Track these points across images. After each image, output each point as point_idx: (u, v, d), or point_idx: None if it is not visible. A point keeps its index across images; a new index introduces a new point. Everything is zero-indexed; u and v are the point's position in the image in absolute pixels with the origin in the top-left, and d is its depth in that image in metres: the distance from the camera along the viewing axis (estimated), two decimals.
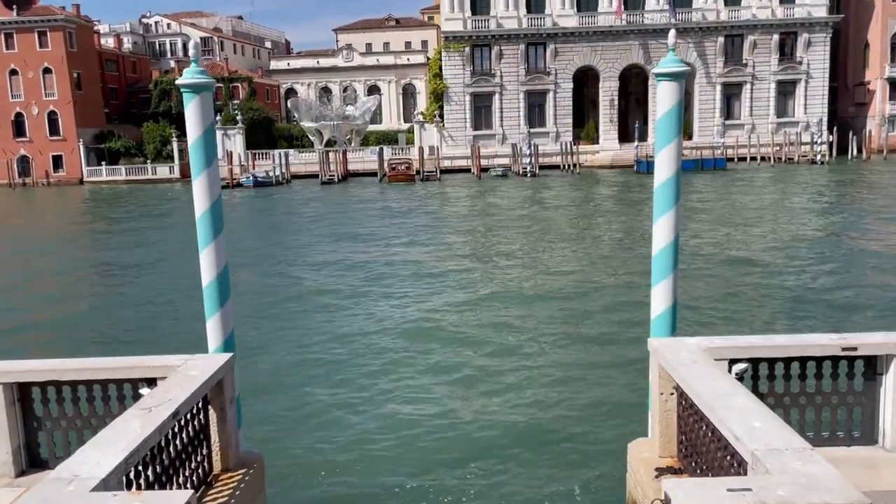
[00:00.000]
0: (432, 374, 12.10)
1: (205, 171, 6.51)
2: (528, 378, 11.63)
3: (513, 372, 11.96)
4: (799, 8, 63.54)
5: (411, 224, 31.39)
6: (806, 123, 63.61)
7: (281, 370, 12.55)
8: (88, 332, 15.52)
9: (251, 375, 11.38)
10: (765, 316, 14.90)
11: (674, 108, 6.69)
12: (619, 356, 12.38)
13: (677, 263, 7.04)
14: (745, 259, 20.87)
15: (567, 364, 12.27)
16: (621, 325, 14.40)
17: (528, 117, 63.68)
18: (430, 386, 11.54)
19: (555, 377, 11.59)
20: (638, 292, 16.21)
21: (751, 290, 17.07)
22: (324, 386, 11.67)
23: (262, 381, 11.78)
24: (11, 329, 15.89)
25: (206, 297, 6.71)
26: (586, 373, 11.69)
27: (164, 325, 15.93)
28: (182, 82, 6.26)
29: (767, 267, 19.69)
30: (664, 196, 6.94)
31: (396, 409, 10.60)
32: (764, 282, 17.89)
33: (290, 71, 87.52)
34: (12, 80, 66.70)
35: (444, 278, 19.75)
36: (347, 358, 13.06)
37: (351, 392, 11.34)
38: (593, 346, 13.22)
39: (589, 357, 12.65)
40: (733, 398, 4.48)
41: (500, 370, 12.07)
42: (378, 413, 10.51)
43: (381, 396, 11.16)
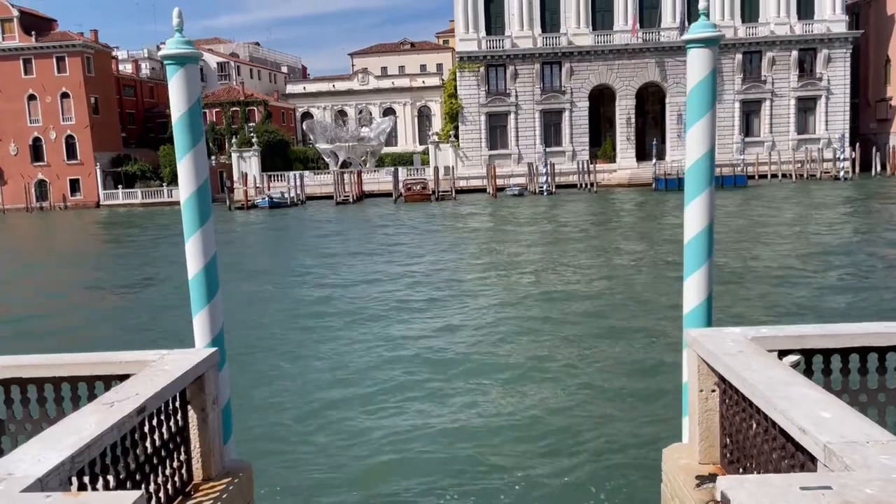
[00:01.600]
0: (446, 385, 11.43)
1: (191, 152, 5.95)
2: (551, 385, 10.92)
3: (532, 380, 11.25)
4: (818, 24, 62.87)
5: (426, 242, 30.81)
6: (827, 140, 62.61)
7: (280, 380, 11.93)
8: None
9: (250, 384, 10.77)
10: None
11: (707, 77, 6.07)
12: (646, 361, 11.67)
13: (712, 251, 6.36)
14: (786, 275, 19.99)
15: (592, 371, 11.56)
16: (648, 332, 13.68)
17: (543, 136, 63.19)
18: (446, 396, 10.87)
19: (579, 383, 10.88)
20: (664, 301, 15.48)
21: (789, 304, 16.25)
22: (325, 398, 11.03)
23: (260, 390, 11.15)
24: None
25: (193, 290, 6.12)
26: (613, 379, 10.98)
27: (167, 331, 15.39)
28: (165, 53, 5.73)
29: (812, 283, 18.82)
30: (696, 177, 6.29)
31: (420, 416, 9.93)
32: (807, 299, 17.06)
33: (306, 95, 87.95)
34: (31, 105, 67.40)
35: (464, 289, 19.11)
36: (353, 370, 12.43)
37: (355, 404, 10.69)
38: (619, 354, 12.49)
39: (615, 365, 11.93)
40: (792, 387, 3.79)
41: (516, 379, 11.37)
42: (398, 423, 9.83)
43: (397, 404, 10.50)
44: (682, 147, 64.14)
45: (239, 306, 18.77)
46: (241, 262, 27.77)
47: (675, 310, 14.98)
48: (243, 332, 15.77)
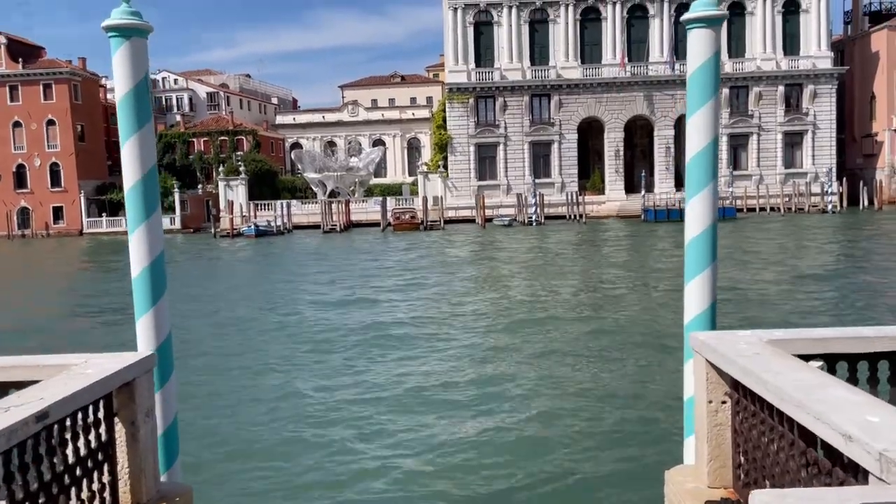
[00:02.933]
0: (425, 411, 10.69)
1: (136, 135, 5.32)
2: (542, 410, 10.21)
3: (519, 406, 10.54)
4: (804, 60, 63.51)
5: (413, 269, 30.15)
6: (814, 174, 62.84)
7: (237, 402, 11.16)
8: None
9: (204, 404, 10.01)
10: None
11: (709, 60, 5.52)
12: (642, 381, 10.97)
13: (716, 253, 5.76)
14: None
15: (585, 394, 10.87)
16: (643, 353, 13.02)
17: (533, 168, 63.07)
18: (432, 421, 10.13)
19: (570, 407, 10.17)
20: (660, 324, 14.87)
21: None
22: (286, 426, 10.26)
23: (210, 411, 10.39)
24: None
25: (136, 291, 5.44)
26: (607, 402, 10.27)
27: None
28: (108, 24, 5.13)
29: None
30: (698, 171, 5.71)
31: (397, 445, 9.18)
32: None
33: (296, 125, 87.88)
34: (15, 132, 66.75)
35: (450, 316, 18.42)
36: (320, 396, 11.66)
37: (321, 431, 9.92)
38: (613, 377, 11.81)
39: (609, 387, 11.23)
40: (827, 389, 3.15)
41: (500, 404, 10.65)
42: (377, 450, 9.08)
43: (377, 429, 9.75)
44: (670, 180, 64.36)
45: (199, 327, 18.03)
46: (210, 287, 27.00)
47: (671, 332, 14.36)
48: (196, 353, 15.02)
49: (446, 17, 63.84)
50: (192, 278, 30.73)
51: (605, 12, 63.44)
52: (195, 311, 21.42)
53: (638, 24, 64.04)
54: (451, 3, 63.18)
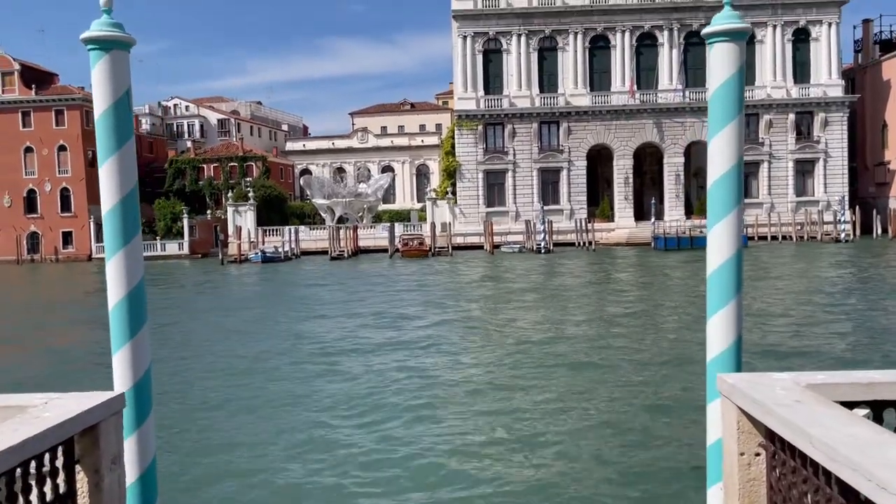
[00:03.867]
0: (439, 452, 10.19)
1: (116, 154, 4.97)
2: (548, 448, 9.69)
3: (525, 447, 10.02)
4: (814, 88, 63.29)
5: (419, 294, 29.71)
6: (826, 202, 62.28)
7: (228, 440, 10.68)
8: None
9: (193, 446, 9.54)
10: None
11: (733, 76, 5.15)
12: (655, 421, 10.43)
13: (741, 285, 5.32)
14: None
15: (594, 436, 10.33)
16: (661, 388, 12.46)
17: (541, 194, 62.80)
18: (432, 464, 9.62)
19: (579, 450, 9.64)
20: (678, 356, 14.33)
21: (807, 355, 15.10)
22: (279, 465, 9.77)
23: (203, 453, 9.91)
24: None
25: (113, 322, 5.04)
26: (621, 442, 9.73)
27: None
28: (87, 36, 4.80)
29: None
30: (720, 196, 5.30)
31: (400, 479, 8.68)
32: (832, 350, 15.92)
33: (306, 152, 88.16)
34: (27, 158, 67.16)
35: (461, 346, 17.93)
36: (328, 431, 11.18)
37: (321, 468, 9.43)
38: (625, 416, 11.28)
39: (620, 426, 10.70)
40: (887, 449, 2.69)
41: (505, 445, 10.14)
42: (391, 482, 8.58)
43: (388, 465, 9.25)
44: (680, 207, 63.88)
45: (185, 358, 17.60)
46: (209, 312, 26.62)
47: (690, 367, 13.83)
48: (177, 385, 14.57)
49: (456, 45, 64.12)
50: (191, 304, 30.41)
51: (613, 40, 63.56)
52: (180, 339, 21.03)
53: (647, 52, 64.10)
54: (460, 32, 63.48)
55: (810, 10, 62.74)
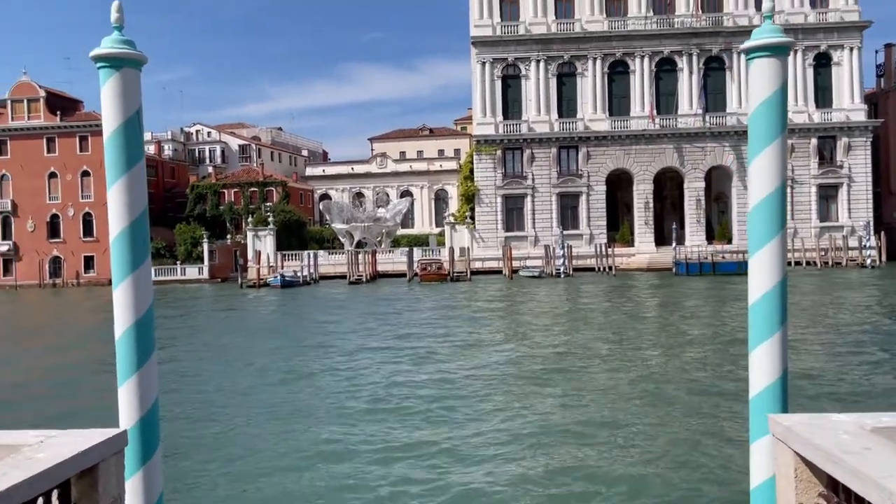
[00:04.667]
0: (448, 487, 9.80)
1: (125, 176, 4.76)
2: (569, 490, 9.27)
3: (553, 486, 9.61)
4: (837, 113, 62.66)
5: (440, 320, 29.35)
6: (851, 227, 61.33)
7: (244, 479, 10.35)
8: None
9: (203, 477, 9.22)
10: None
11: (775, 94, 4.84)
12: (689, 462, 9.97)
13: (786, 315, 4.97)
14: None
15: (620, 472, 9.90)
16: (690, 428, 11.98)
17: (560, 219, 62.47)
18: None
19: (604, 487, 9.22)
20: (712, 392, 13.84)
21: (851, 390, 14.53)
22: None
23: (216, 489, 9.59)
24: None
25: (120, 352, 4.79)
26: (649, 486, 9.29)
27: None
28: (97, 53, 4.62)
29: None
30: (762, 222, 4.96)
31: None
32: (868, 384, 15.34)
33: (325, 177, 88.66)
34: (51, 183, 68.07)
35: (480, 373, 17.54)
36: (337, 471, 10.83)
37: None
38: (657, 455, 10.83)
39: (651, 466, 10.25)
40: None
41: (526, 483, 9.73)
42: None
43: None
44: (701, 232, 63.19)
45: (196, 384, 17.35)
46: (224, 337, 26.44)
47: (727, 402, 13.30)
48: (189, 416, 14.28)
49: (475, 70, 64.35)
50: (206, 328, 30.29)
51: (633, 66, 63.48)
52: (191, 365, 20.83)
53: (666, 77, 63.92)
54: (479, 58, 63.75)
55: (832, 35, 62.34)
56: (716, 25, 62.79)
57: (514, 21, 64.00)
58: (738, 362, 16.96)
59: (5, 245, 68.69)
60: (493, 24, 63.79)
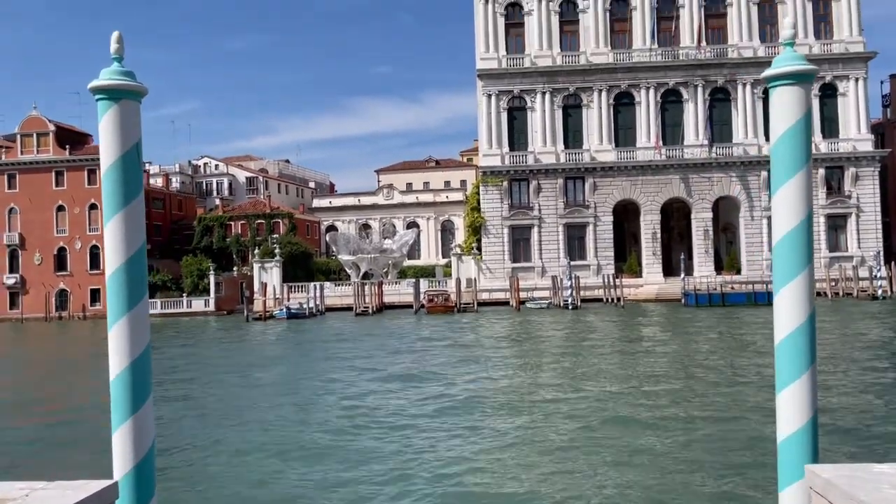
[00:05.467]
0: None
1: (122, 211, 4.59)
2: None
3: None
4: (843, 143, 62.60)
5: (447, 354, 29.00)
6: (861, 258, 60.87)
7: None
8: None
9: None
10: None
11: (798, 123, 4.67)
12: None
13: (815, 355, 4.73)
14: None
15: None
16: (708, 471, 11.60)
17: (567, 250, 62.24)
18: None
19: None
20: (732, 432, 13.47)
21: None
22: None
23: None
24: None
25: (114, 395, 4.57)
26: None
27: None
28: (95, 85, 4.47)
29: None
30: (787, 256, 4.74)
31: None
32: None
33: (332, 209, 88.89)
34: (58, 216, 68.36)
35: (495, 411, 17.19)
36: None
37: None
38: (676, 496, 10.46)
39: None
40: None
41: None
42: None
43: None
44: (709, 263, 62.80)
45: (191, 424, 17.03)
46: (224, 371, 26.12)
47: (747, 445, 12.86)
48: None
49: (481, 103, 64.72)
50: (207, 361, 30.00)
51: (638, 97, 63.74)
52: (189, 401, 20.53)
53: (672, 108, 64.12)
54: (485, 90, 64.16)
55: (836, 66, 62.54)
56: (720, 57, 63.11)
57: (520, 54, 64.51)
58: (761, 403, 16.56)
59: (12, 278, 68.78)
60: (498, 56, 64.29)
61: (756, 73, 61.27)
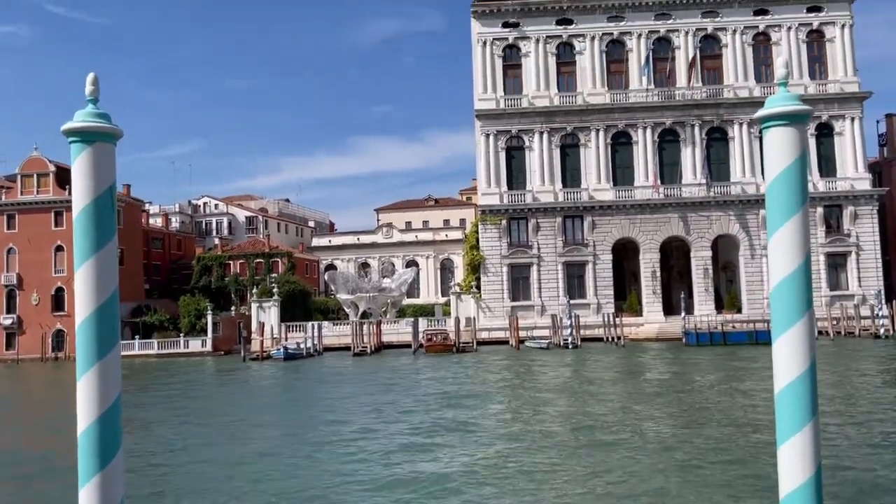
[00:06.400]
0: None
1: (94, 257, 4.40)
2: None
3: None
4: (841, 181, 62.83)
5: (445, 397, 28.55)
6: (861, 296, 60.60)
7: None
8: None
9: None
10: None
11: (794, 164, 4.51)
12: None
13: (816, 407, 4.51)
14: None
15: None
16: None
17: (567, 288, 62.02)
18: None
19: None
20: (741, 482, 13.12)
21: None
22: None
23: None
24: None
25: (82, 449, 4.34)
26: None
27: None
28: (69, 127, 4.34)
29: None
30: (785, 303, 4.53)
31: None
32: None
33: (331, 247, 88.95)
34: (57, 256, 68.25)
35: (495, 459, 16.80)
36: None
37: None
38: None
39: None
40: None
41: None
42: None
43: None
44: (710, 301, 62.51)
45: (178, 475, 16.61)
46: (214, 415, 25.69)
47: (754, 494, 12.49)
48: None
49: (479, 142, 65.14)
50: (198, 405, 29.56)
51: (635, 136, 64.17)
52: (167, 449, 20.11)
53: (669, 147, 64.51)
54: (483, 130, 64.63)
55: (832, 106, 63.09)
56: (716, 96, 63.71)
57: (517, 94, 65.14)
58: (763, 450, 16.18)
59: (9, 318, 68.41)
60: (496, 97, 64.92)
61: (752, 112, 61.70)
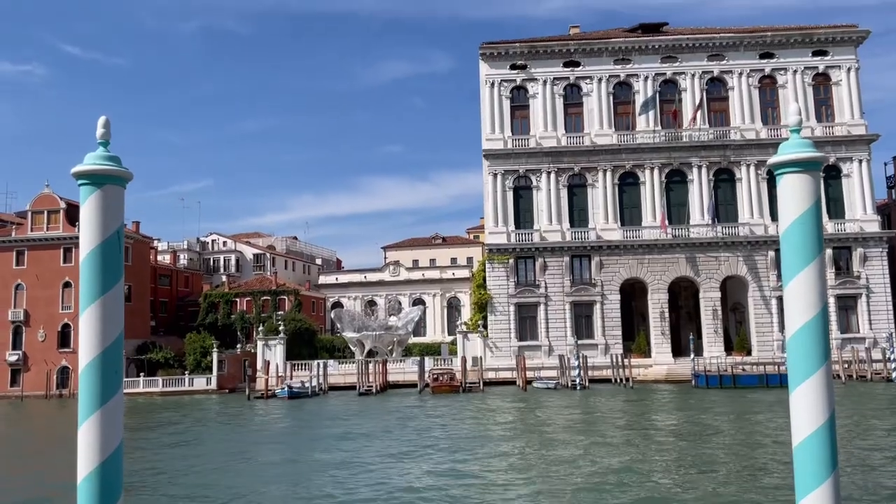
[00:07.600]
0: None
1: (101, 299, 4.35)
2: None
3: None
4: (850, 223, 62.62)
5: (452, 443, 28.14)
6: (873, 339, 59.95)
7: None
8: None
9: None
10: None
11: (809, 212, 4.48)
12: None
13: (836, 460, 4.39)
14: None
15: None
16: None
17: (574, 328, 61.60)
18: None
19: None
20: None
21: None
22: None
23: None
24: None
25: (82, 497, 4.25)
26: None
27: None
28: (79, 170, 4.33)
29: None
30: (801, 353, 4.46)
31: None
32: None
33: (338, 285, 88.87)
34: (65, 293, 68.36)
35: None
36: None
37: None
38: None
39: None
40: None
41: None
42: None
43: None
44: (719, 343, 61.90)
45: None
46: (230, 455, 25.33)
47: None
48: None
49: (487, 182, 65.41)
50: (195, 447, 29.21)
51: (643, 177, 64.34)
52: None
53: (677, 188, 64.60)
54: (490, 170, 64.96)
55: (839, 148, 63.20)
56: (723, 138, 63.99)
57: (525, 135, 65.61)
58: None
59: (14, 355, 68.29)
60: (504, 137, 65.39)
61: (759, 154, 62.00)
